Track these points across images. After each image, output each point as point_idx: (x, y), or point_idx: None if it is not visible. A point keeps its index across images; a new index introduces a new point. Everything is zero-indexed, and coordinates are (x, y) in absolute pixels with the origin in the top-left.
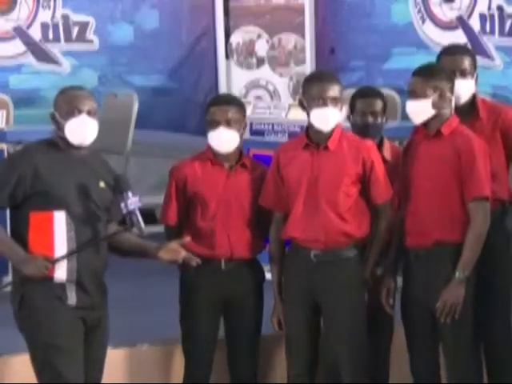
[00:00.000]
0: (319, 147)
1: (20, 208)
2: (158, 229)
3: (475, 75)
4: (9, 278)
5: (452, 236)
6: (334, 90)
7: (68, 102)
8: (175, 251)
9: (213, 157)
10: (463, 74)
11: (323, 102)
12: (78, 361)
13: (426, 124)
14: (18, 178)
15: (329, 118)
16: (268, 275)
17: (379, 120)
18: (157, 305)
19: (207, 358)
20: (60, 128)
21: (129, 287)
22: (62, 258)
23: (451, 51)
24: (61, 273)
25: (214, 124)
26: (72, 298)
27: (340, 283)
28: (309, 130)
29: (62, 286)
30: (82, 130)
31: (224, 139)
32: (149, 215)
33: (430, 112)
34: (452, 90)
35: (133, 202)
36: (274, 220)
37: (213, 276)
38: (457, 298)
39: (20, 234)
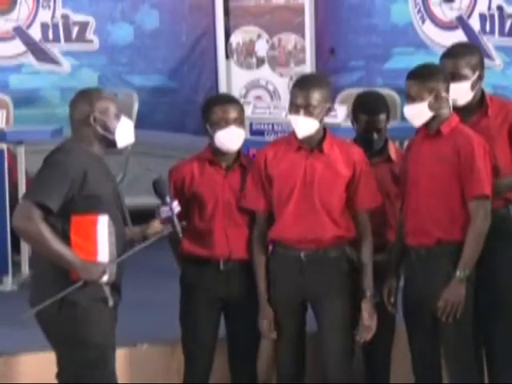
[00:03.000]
0: (312, 150)
1: (60, 212)
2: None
3: (477, 73)
4: (9, 278)
5: (453, 235)
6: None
7: (113, 104)
8: (158, 226)
9: (211, 157)
10: (457, 77)
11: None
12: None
13: (426, 124)
14: (70, 184)
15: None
16: None
17: (384, 132)
18: (157, 305)
19: (207, 358)
20: (110, 130)
21: (128, 288)
22: (117, 260)
23: (447, 54)
24: (105, 276)
25: (223, 123)
26: (111, 299)
27: (329, 282)
28: None
29: (102, 288)
30: (130, 132)
31: (235, 137)
32: (148, 215)
33: (428, 114)
34: (448, 90)
35: (175, 205)
36: (256, 222)
37: (212, 276)
38: (458, 297)
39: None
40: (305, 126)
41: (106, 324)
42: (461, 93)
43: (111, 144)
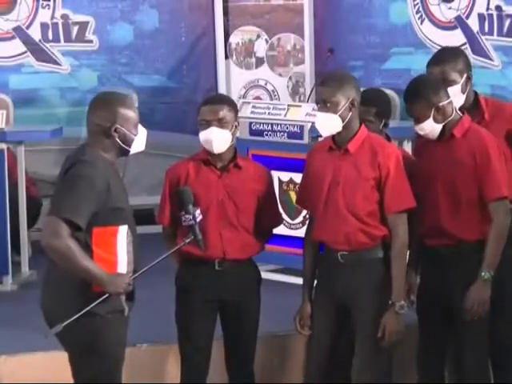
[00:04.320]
0: (341, 150)
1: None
2: (157, 229)
3: (465, 76)
4: (9, 278)
5: (473, 235)
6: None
7: (134, 112)
8: None
9: (206, 157)
10: (446, 83)
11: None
12: None
13: None
14: (97, 199)
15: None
16: (266, 276)
17: (371, 127)
18: (155, 305)
19: (203, 358)
20: (128, 142)
21: None
22: (142, 272)
23: (432, 61)
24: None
25: (205, 123)
26: (126, 309)
27: (367, 284)
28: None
29: (119, 299)
30: (143, 141)
31: (215, 138)
32: (148, 215)
33: (437, 127)
34: (447, 95)
35: (198, 214)
36: (309, 221)
37: (207, 276)
38: (484, 297)
39: None
40: (323, 121)
41: (122, 336)
42: (452, 97)
43: (124, 153)
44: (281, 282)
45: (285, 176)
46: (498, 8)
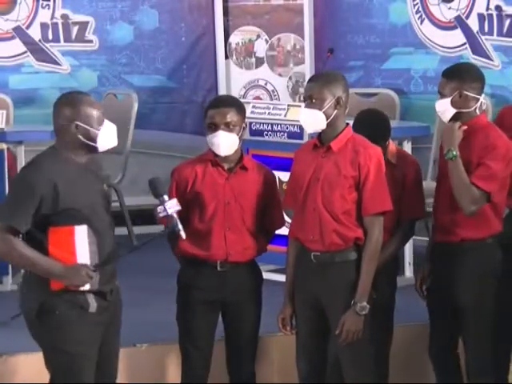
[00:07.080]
0: (324, 147)
1: (36, 226)
2: (157, 229)
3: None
4: (9, 278)
5: (478, 234)
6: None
7: (97, 110)
8: None
9: (213, 158)
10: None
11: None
12: (93, 369)
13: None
14: (39, 203)
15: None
16: (266, 276)
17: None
18: (156, 305)
19: (204, 358)
20: (92, 138)
21: (128, 287)
22: (101, 265)
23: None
24: (91, 281)
25: (213, 127)
26: (93, 305)
27: (339, 285)
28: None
29: (83, 295)
30: (112, 136)
31: (223, 142)
32: (148, 215)
33: (451, 110)
34: (478, 91)
35: (171, 205)
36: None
37: (209, 277)
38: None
39: (36, 250)
40: (307, 117)
41: (84, 332)
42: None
43: (93, 150)
44: (281, 281)
45: (285, 176)
46: (498, 8)
